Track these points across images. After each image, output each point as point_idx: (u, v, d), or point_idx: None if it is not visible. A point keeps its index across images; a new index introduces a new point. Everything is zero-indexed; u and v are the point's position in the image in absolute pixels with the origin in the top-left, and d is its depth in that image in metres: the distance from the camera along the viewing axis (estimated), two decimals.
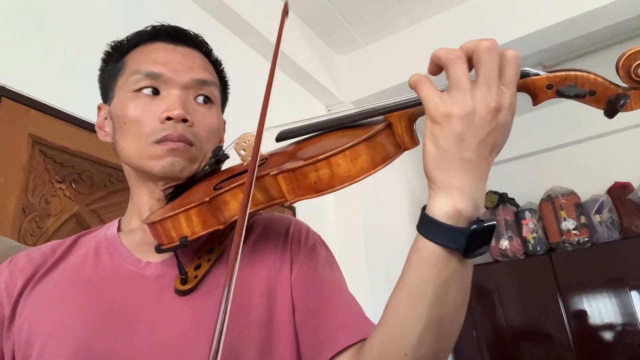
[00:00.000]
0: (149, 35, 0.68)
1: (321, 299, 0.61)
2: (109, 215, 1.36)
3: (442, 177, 0.45)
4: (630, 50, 0.44)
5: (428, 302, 0.46)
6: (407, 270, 0.48)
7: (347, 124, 0.55)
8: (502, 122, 0.43)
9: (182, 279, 0.60)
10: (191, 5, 1.95)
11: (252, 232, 0.69)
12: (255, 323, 0.59)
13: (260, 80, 2.28)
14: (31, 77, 1.26)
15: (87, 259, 0.66)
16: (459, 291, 0.47)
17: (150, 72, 0.64)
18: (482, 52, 0.42)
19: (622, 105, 0.44)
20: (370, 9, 2.55)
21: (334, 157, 0.48)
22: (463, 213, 0.44)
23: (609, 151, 3.37)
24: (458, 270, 0.46)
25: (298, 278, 0.63)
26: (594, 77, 0.45)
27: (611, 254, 2.94)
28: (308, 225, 0.73)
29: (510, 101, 0.43)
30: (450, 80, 0.43)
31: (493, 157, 0.45)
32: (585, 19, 2.26)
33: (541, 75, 0.46)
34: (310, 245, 0.68)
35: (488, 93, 0.42)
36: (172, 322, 0.58)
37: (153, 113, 0.62)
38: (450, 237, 0.44)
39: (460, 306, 0.48)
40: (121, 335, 0.57)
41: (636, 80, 0.44)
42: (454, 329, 0.49)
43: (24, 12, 1.30)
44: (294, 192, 0.51)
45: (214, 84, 0.69)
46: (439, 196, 0.45)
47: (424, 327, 0.47)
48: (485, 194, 3.33)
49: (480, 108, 0.42)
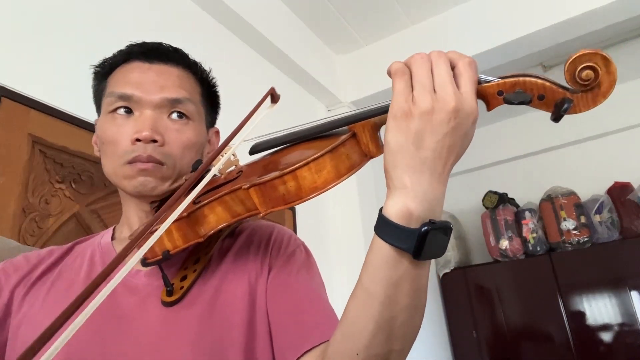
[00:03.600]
0: (125, 55, 0.69)
1: (290, 303, 0.62)
2: (109, 215, 1.36)
3: (397, 175, 0.45)
4: (576, 53, 0.44)
5: (379, 302, 0.46)
6: (362, 270, 0.49)
7: (315, 135, 0.56)
8: (461, 124, 0.44)
9: (167, 291, 0.62)
10: (191, 5, 1.95)
11: (237, 239, 0.71)
12: (237, 327, 0.61)
13: (259, 82, 2.28)
14: (31, 77, 1.26)
15: (82, 266, 0.68)
16: (411, 292, 0.47)
17: (122, 94, 0.66)
18: (433, 58, 0.46)
19: (565, 110, 0.44)
20: (370, 9, 2.55)
21: (299, 170, 0.49)
22: (415, 213, 0.44)
23: (609, 151, 3.36)
24: (410, 272, 0.46)
25: (272, 283, 0.65)
26: (542, 81, 0.46)
27: (611, 254, 2.94)
28: (292, 232, 0.75)
29: (470, 105, 0.44)
30: (415, 78, 0.46)
31: (451, 161, 0.46)
32: (585, 19, 2.26)
33: (492, 82, 0.47)
34: (290, 251, 0.69)
35: (445, 93, 0.44)
36: (156, 332, 0.60)
37: (126, 134, 0.64)
38: (400, 237, 0.44)
39: (413, 308, 0.48)
40: (110, 343, 0.59)
41: (581, 83, 0.44)
42: (408, 331, 0.49)
43: (24, 13, 1.30)
44: (265, 204, 0.53)
45: (189, 100, 0.68)
46: (393, 195, 0.45)
47: (374, 326, 0.47)
48: (485, 194, 3.31)
49: (439, 107, 0.44)
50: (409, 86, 0.46)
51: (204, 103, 0.73)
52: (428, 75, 0.45)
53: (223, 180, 0.62)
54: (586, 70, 0.44)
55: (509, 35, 2.37)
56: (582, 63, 0.44)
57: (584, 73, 0.44)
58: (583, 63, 0.44)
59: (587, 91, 0.45)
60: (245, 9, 2.09)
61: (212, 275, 0.65)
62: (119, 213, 0.77)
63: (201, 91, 0.73)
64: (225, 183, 0.60)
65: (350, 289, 0.65)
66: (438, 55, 0.46)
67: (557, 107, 0.45)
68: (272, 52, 2.30)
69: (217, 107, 0.78)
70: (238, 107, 1.21)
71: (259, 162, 0.61)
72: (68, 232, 1.25)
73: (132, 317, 0.61)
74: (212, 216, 0.58)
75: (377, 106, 0.51)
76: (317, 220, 2.45)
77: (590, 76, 0.44)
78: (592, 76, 0.44)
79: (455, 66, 0.46)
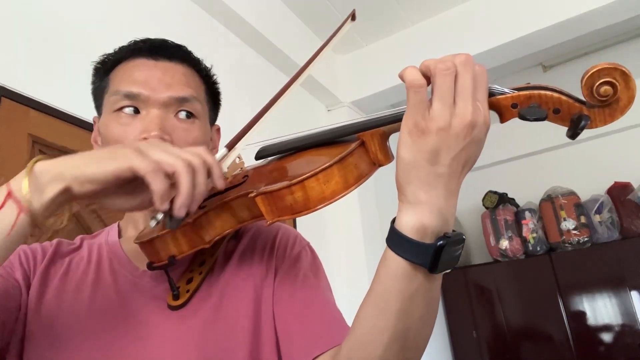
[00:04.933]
0: (129, 52, 0.68)
1: (297, 309, 0.62)
2: (108, 215, 1.36)
3: (412, 191, 0.44)
4: (593, 68, 0.42)
5: (394, 314, 0.46)
6: (375, 280, 0.48)
7: (323, 142, 0.55)
8: (476, 137, 0.43)
9: (174, 294, 0.61)
10: (191, 5, 1.95)
11: (241, 240, 0.70)
12: (243, 331, 0.60)
13: (259, 81, 2.28)
14: (31, 77, 1.26)
15: (90, 263, 0.68)
16: (425, 304, 0.47)
17: (128, 93, 0.64)
18: (459, 67, 0.42)
19: (583, 127, 0.43)
20: (370, 9, 2.55)
21: (307, 181, 0.48)
22: (430, 228, 0.43)
23: (609, 151, 3.37)
24: (424, 285, 0.45)
25: (278, 289, 0.64)
26: (558, 95, 0.44)
27: (611, 254, 2.94)
28: (297, 232, 0.74)
29: (485, 117, 0.43)
30: (436, 92, 0.43)
31: (465, 172, 0.45)
32: (585, 19, 2.26)
33: (506, 94, 0.45)
34: (295, 253, 0.68)
35: (465, 108, 0.42)
36: (162, 335, 0.59)
37: (132, 133, 0.62)
38: (416, 252, 0.44)
39: (427, 318, 0.48)
40: (117, 345, 0.59)
41: (598, 99, 0.42)
42: (421, 340, 0.49)
43: (24, 13, 1.30)
44: (272, 213, 0.51)
45: (195, 99, 0.67)
46: (407, 210, 0.44)
47: (389, 338, 0.46)
48: (485, 194, 3.30)
49: (456, 123, 0.42)
50: (425, 100, 0.43)
51: (207, 100, 0.72)
52: (451, 88, 0.42)
53: (229, 184, 0.61)
54: (605, 86, 0.42)
55: (509, 35, 2.38)
56: (601, 78, 0.42)
57: (603, 89, 0.42)
58: (602, 78, 0.42)
59: (604, 107, 0.43)
60: (245, 9, 2.09)
61: (217, 278, 0.65)
62: (119, 213, 0.76)
63: (205, 88, 0.72)
64: (231, 188, 0.59)
65: (350, 291, 0.66)
66: (465, 64, 0.42)
67: (573, 123, 0.44)
68: (272, 51, 2.30)
69: (218, 105, 0.77)
70: (238, 107, 1.21)
71: (265, 167, 0.60)
72: (68, 232, 1.25)
73: (139, 318, 0.61)
74: (218, 222, 0.58)
75: (388, 114, 0.50)
76: (317, 221, 2.45)
77: (608, 92, 0.42)
78: (611, 92, 0.42)
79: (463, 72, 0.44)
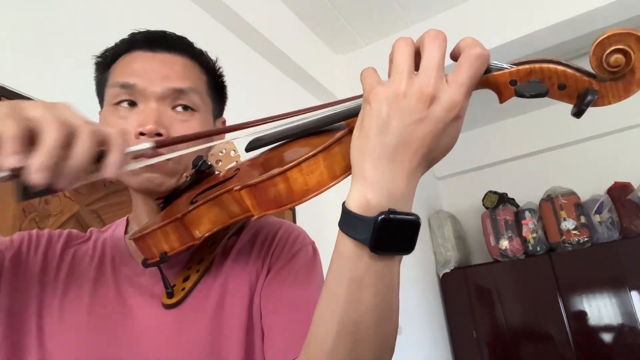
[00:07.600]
0: (128, 44, 0.67)
1: (282, 308, 0.61)
2: (108, 215, 1.35)
3: (361, 165, 0.42)
4: (605, 34, 0.37)
5: (341, 302, 0.44)
6: (328, 268, 0.46)
7: (315, 129, 0.51)
8: (435, 115, 0.40)
9: (167, 293, 0.61)
10: (191, 5, 1.95)
11: (242, 235, 0.70)
12: (238, 329, 0.60)
13: (259, 81, 2.28)
14: (31, 77, 1.26)
15: (93, 257, 0.68)
16: (375, 293, 0.43)
17: (125, 83, 0.63)
18: (425, 40, 0.41)
19: (589, 103, 0.38)
20: (370, 9, 2.55)
21: (290, 172, 0.45)
22: (372, 202, 0.41)
23: (609, 151, 3.37)
24: (372, 268, 0.42)
25: (266, 288, 0.63)
26: (563, 68, 0.39)
27: (611, 254, 2.94)
28: (302, 230, 0.71)
29: (452, 98, 0.40)
30: (393, 59, 0.42)
31: (421, 155, 0.41)
32: (585, 19, 2.26)
33: (504, 69, 0.41)
34: (293, 252, 0.66)
35: (424, 80, 0.40)
36: (156, 333, 0.59)
37: (130, 126, 0.62)
38: (357, 227, 0.41)
39: (380, 311, 0.44)
40: (113, 342, 0.59)
41: (609, 70, 0.37)
42: (377, 338, 0.45)
43: (24, 13, 1.30)
44: (259, 207, 0.48)
45: (194, 91, 0.66)
46: (355, 185, 0.42)
47: (338, 328, 0.44)
48: (485, 194, 3.30)
49: (412, 92, 0.40)
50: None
51: (210, 93, 0.71)
52: (407, 56, 0.41)
53: (222, 178, 0.60)
54: (615, 55, 0.37)
55: (508, 35, 2.38)
56: (612, 45, 0.37)
57: (613, 58, 0.37)
58: (612, 45, 0.37)
59: (617, 79, 0.38)
60: (245, 9, 2.09)
61: (214, 276, 0.64)
62: (119, 213, 0.77)
63: (207, 81, 0.70)
64: (223, 181, 0.58)
65: None
66: (433, 37, 0.41)
67: (579, 98, 0.39)
68: (272, 51, 2.30)
69: (224, 98, 0.76)
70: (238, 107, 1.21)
71: (257, 159, 0.58)
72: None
73: (134, 317, 0.61)
74: (207, 217, 0.55)
75: None
76: (317, 221, 2.45)
77: (620, 61, 0.37)
78: (623, 61, 0.37)
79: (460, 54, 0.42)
